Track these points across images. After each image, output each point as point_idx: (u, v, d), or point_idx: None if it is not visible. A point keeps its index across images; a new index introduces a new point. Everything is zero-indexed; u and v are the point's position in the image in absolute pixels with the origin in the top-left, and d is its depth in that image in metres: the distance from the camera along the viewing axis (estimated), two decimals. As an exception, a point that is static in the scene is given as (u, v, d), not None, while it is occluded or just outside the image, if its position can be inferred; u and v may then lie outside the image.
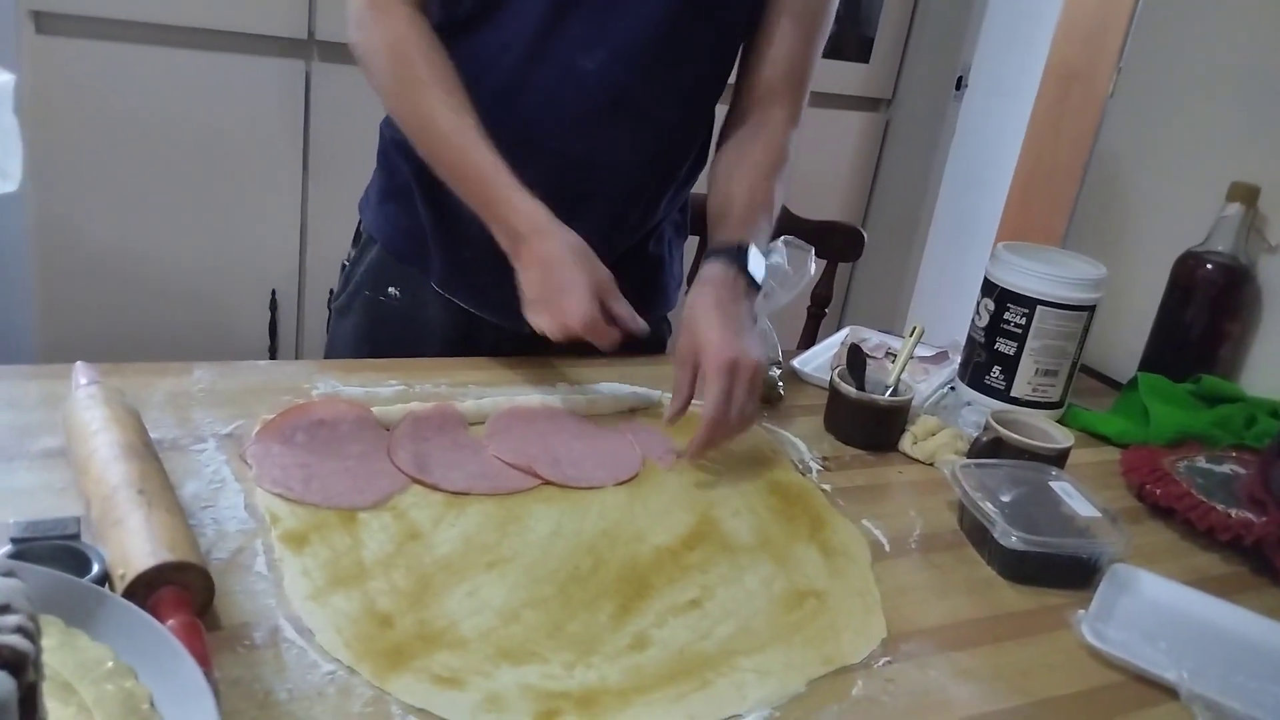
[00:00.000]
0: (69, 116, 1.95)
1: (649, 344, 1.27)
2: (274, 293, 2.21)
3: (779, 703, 0.69)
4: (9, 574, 0.41)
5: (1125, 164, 1.56)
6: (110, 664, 0.48)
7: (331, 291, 1.38)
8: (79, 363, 0.89)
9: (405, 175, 1.18)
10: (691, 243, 1.46)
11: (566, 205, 1.04)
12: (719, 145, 1.21)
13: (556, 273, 1.00)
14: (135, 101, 1.99)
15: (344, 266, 1.30)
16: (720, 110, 1.23)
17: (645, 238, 1.26)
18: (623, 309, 1.01)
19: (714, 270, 1.05)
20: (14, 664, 0.37)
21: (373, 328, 1.24)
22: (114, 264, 2.04)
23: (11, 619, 0.39)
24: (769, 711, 0.68)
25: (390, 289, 1.23)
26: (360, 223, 1.28)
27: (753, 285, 1.05)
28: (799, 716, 0.68)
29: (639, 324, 1.02)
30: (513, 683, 0.67)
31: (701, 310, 1.01)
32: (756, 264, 1.06)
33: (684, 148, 1.21)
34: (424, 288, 1.21)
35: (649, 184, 1.19)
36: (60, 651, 0.48)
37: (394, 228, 1.22)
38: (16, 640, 0.38)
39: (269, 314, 2.22)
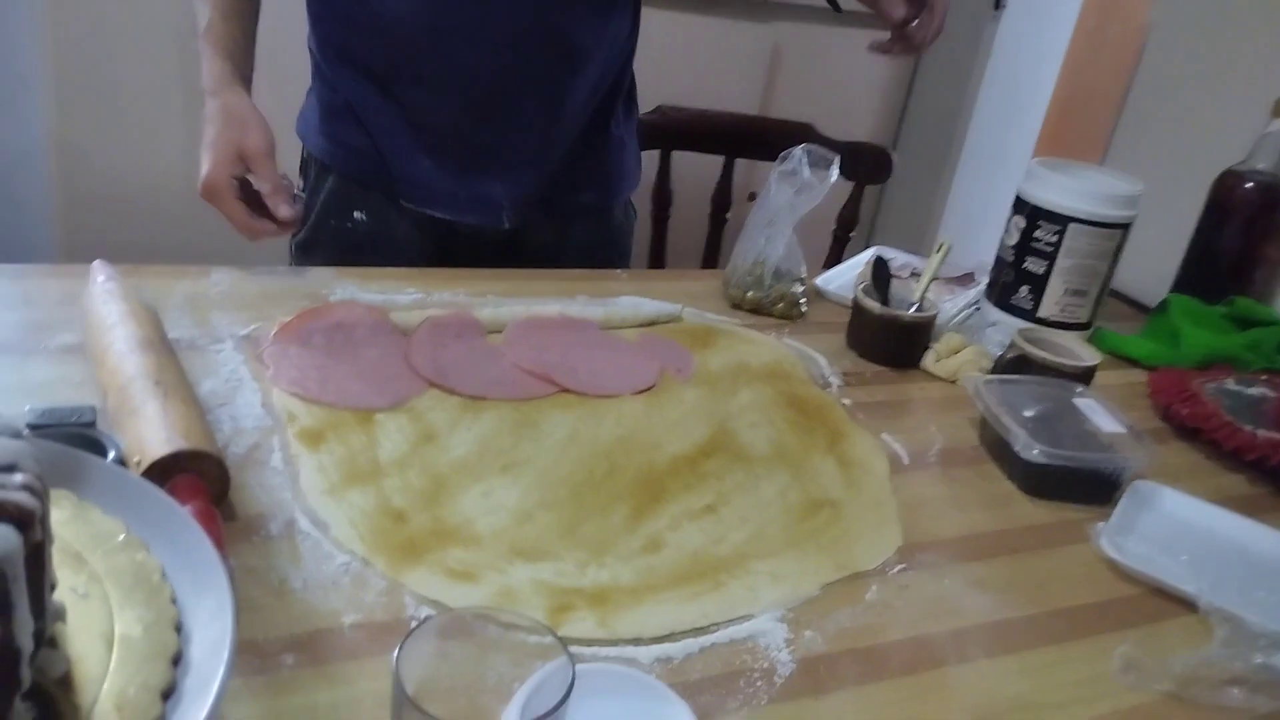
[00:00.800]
0: (93, 18, 1.92)
1: (612, 227, 1.29)
2: (286, 177, 2.18)
3: (792, 604, 0.69)
4: (15, 435, 0.41)
5: (1167, 85, 1.51)
6: (122, 536, 0.48)
7: None
8: (97, 261, 0.89)
9: (345, 94, 1.16)
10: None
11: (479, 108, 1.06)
12: None
13: (206, 133, 0.97)
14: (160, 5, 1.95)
15: (297, 198, 1.26)
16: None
17: (604, 119, 1.24)
18: (265, 184, 0.97)
19: None
20: (20, 519, 0.37)
21: (343, 256, 1.18)
22: (133, 175, 2.03)
23: (18, 477, 0.39)
24: (782, 612, 0.68)
25: (356, 213, 1.20)
26: (305, 150, 1.24)
27: None
28: (812, 618, 0.68)
29: (286, 211, 0.97)
30: (526, 578, 0.67)
31: None
32: None
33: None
34: (390, 206, 1.19)
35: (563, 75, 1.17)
36: (72, 524, 0.48)
37: (346, 150, 1.19)
38: (23, 497, 0.38)
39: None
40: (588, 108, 1.21)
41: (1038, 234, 1.16)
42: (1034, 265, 1.17)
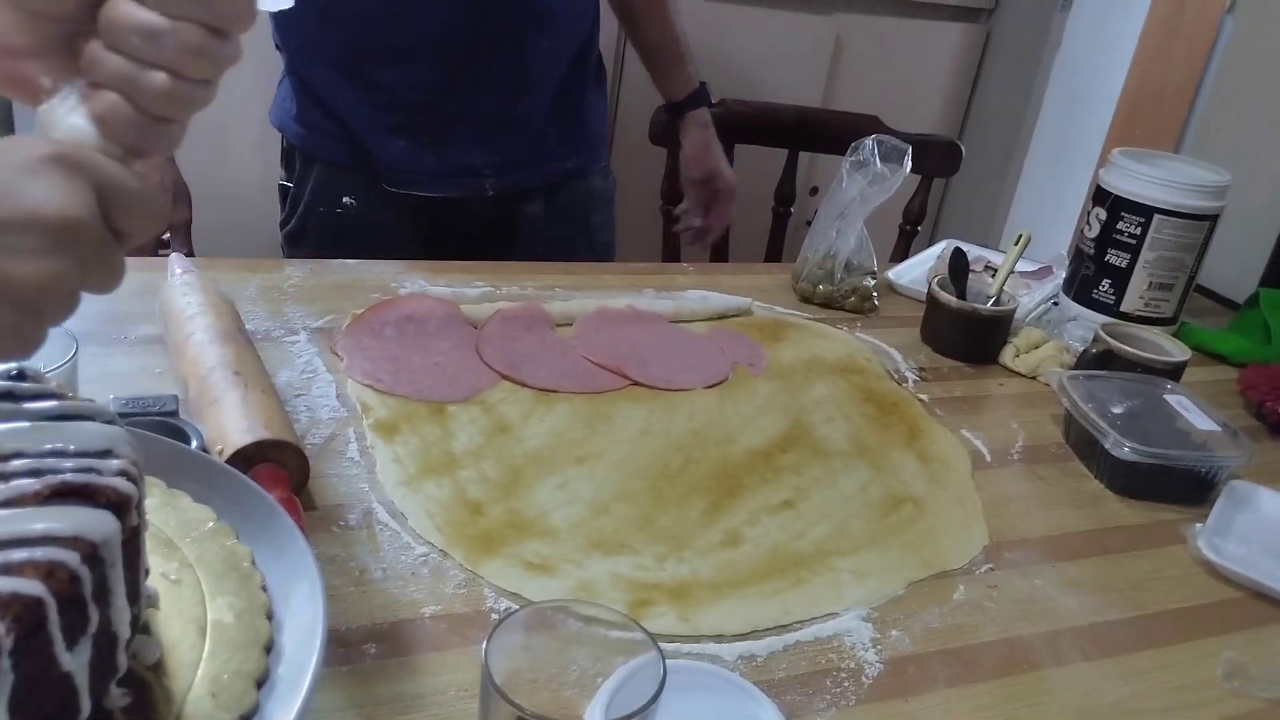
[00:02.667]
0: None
1: (595, 194, 1.32)
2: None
3: (877, 603, 0.67)
4: (110, 422, 0.41)
5: (1245, 77, 1.46)
6: (211, 524, 0.48)
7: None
8: (174, 254, 0.90)
9: (313, 84, 1.17)
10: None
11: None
12: None
13: None
14: None
15: (283, 188, 1.26)
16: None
17: (576, 84, 1.25)
18: None
19: (700, 115, 1.39)
20: (118, 505, 0.37)
21: (335, 243, 1.20)
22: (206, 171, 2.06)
23: (115, 463, 0.38)
24: (866, 610, 0.66)
25: (345, 199, 1.21)
26: (284, 141, 1.25)
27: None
28: (898, 617, 0.66)
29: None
30: (604, 572, 0.66)
31: (706, 148, 1.40)
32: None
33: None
34: (376, 192, 1.19)
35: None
36: (162, 511, 0.48)
37: (325, 138, 1.19)
38: (120, 482, 0.38)
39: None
40: (556, 70, 1.22)
41: (1120, 226, 1.12)
42: (1116, 258, 1.13)
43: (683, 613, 0.63)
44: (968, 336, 1.05)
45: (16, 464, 0.37)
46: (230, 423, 0.65)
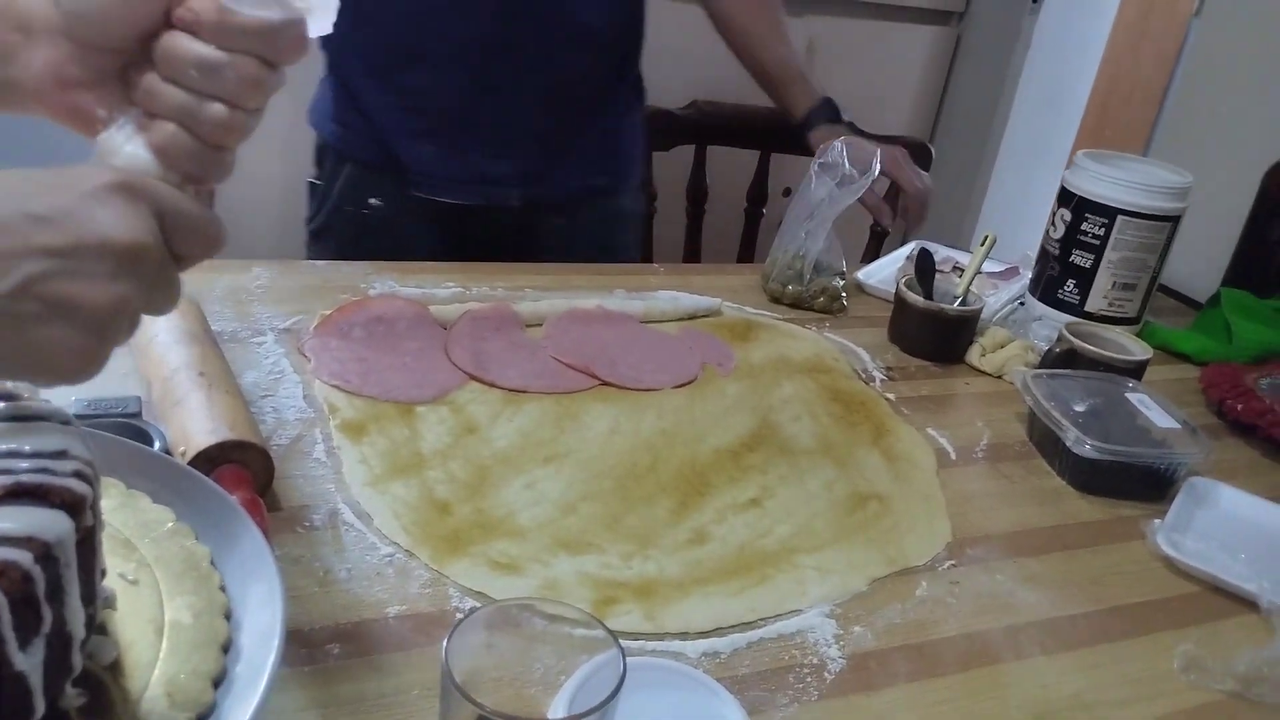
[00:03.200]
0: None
1: (622, 213, 1.31)
2: None
3: (841, 599, 0.68)
4: (66, 422, 0.40)
5: (1212, 79, 1.48)
6: (170, 524, 0.48)
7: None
8: (140, 254, 0.89)
9: (350, 86, 1.18)
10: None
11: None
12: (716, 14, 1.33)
13: None
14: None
15: (313, 186, 1.27)
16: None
17: (609, 102, 1.26)
18: None
19: (818, 134, 1.30)
20: (71, 505, 0.37)
21: (357, 242, 1.21)
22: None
23: (69, 464, 0.38)
24: (830, 607, 0.67)
25: (371, 200, 1.21)
26: (319, 139, 1.26)
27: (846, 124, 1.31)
28: (861, 614, 0.66)
29: None
30: (571, 571, 0.66)
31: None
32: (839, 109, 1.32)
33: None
34: (403, 193, 1.20)
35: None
36: (121, 512, 0.48)
37: (358, 137, 1.20)
38: (74, 483, 0.38)
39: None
40: (591, 88, 1.22)
41: (1084, 227, 1.13)
42: (1080, 259, 1.14)
43: (648, 611, 0.64)
44: (934, 336, 1.06)
45: (-31, 465, 0.37)
46: (193, 424, 0.65)
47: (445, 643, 0.45)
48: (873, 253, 1.69)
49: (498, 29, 1.11)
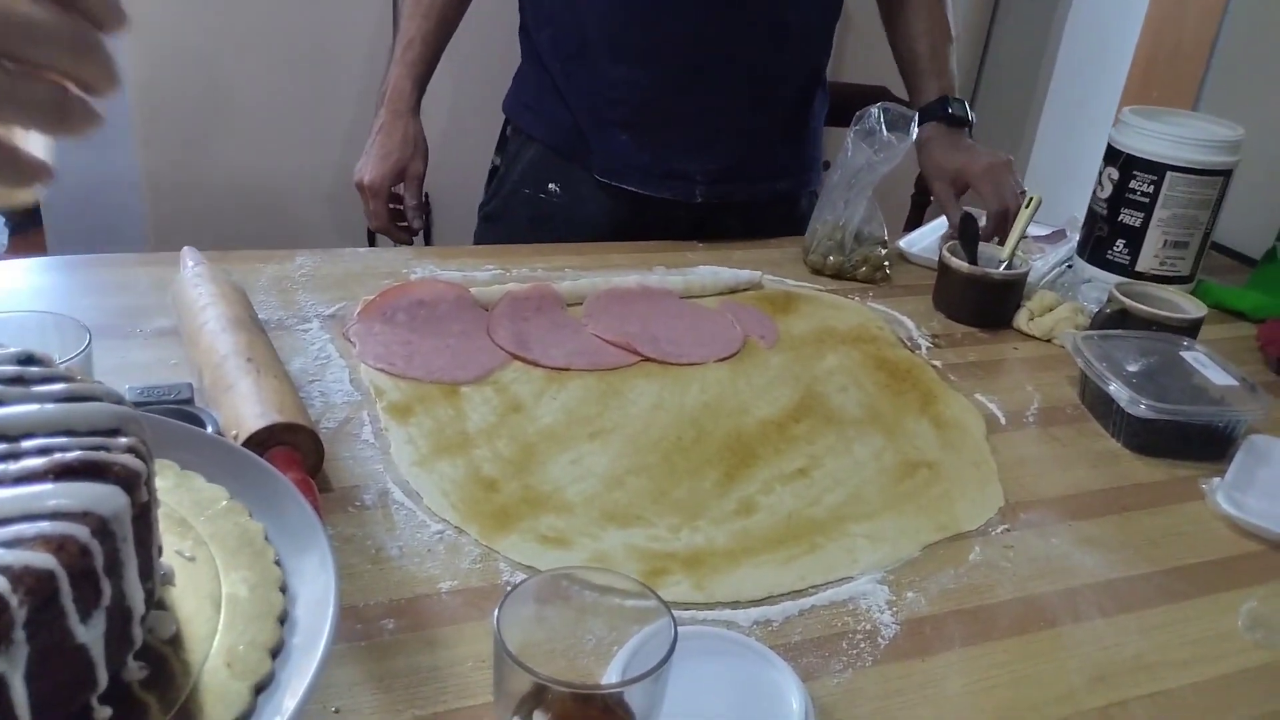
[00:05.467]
0: (177, 16, 1.94)
1: (797, 217, 1.28)
2: (427, 196, 2.15)
3: (892, 566, 0.67)
4: (119, 402, 0.41)
5: (1261, 29, 1.43)
6: (225, 502, 0.49)
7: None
8: (186, 247, 0.90)
9: (552, 73, 1.19)
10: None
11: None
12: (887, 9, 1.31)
13: (378, 141, 1.19)
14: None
15: (493, 170, 1.30)
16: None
17: (804, 105, 1.26)
18: (412, 200, 1.21)
19: (924, 131, 1.22)
20: (127, 480, 0.38)
21: (532, 225, 1.23)
22: (237, 180, 2.06)
23: (123, 440, 0.39)
24: (881, 574, 0.66)
25: (551, 185, 1.23)
26: (506, 126, 1.29)
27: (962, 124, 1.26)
28: (914, 579, 0.66)
29: (417, 224, 1.21)
30: (619, 543, 0.66)
31: (943, 150, 1.22)
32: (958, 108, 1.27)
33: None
34: (584, 182, 1.21)
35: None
36: (176, 491, 0.49)
37: (549, 123, 1.22)
38: (129, 459, 0.38)
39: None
40: (787, 89, 1.22)
41: (1133, 185, 1.11)
42: (1130, 218, 1.12)
43: (698, 581, 0.64)
44: (980, 302, 1.05)
45: (27, 444, 0.38)
46: (244, 408, 0.66)
47: (496, 613, 0.45)
48: (914, 222, 1.67)
49: (704, 24, 1.11)
